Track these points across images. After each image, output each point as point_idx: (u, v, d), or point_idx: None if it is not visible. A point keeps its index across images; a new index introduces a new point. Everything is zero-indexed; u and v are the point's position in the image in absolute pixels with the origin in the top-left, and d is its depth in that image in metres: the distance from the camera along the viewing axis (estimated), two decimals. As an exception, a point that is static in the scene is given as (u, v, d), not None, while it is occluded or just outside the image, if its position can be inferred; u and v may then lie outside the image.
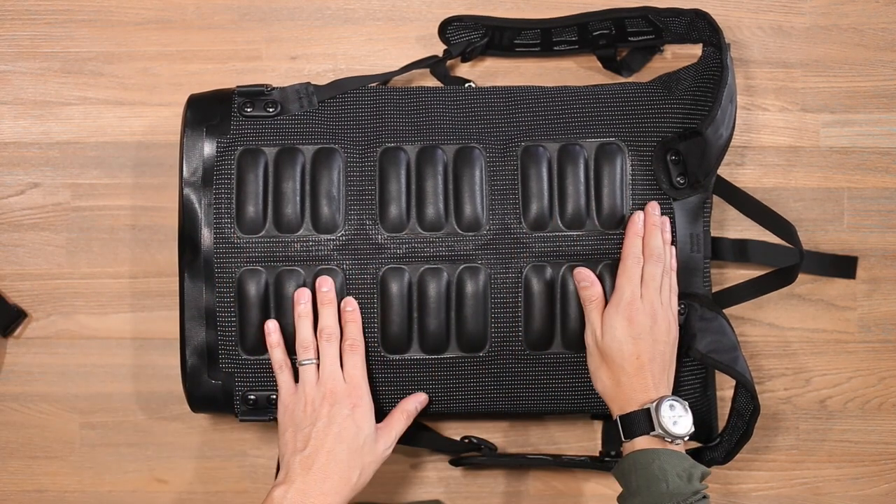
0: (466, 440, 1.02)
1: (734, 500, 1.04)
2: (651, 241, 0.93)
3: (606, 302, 0.93)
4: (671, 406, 0.87)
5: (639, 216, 0.94)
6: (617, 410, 0.90)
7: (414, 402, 0.95)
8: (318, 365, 0.92)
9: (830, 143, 1.06)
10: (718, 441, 0.96)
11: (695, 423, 0.99)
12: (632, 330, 0.90)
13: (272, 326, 0.93)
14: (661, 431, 0.87)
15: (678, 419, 0.87)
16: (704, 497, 0.85)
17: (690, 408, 0.98)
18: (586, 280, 0.93)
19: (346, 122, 0.97)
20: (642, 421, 0.88)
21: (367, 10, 1.06)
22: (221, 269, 0.94)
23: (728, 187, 1.02)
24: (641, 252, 0.93)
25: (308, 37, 1.06)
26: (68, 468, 1.03)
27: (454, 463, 1.02)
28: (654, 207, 0.94)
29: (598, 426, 1.03)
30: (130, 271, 1.04)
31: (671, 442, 0.87)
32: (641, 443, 0.88)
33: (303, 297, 0.93)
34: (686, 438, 0.88)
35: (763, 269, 1.02)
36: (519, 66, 1.06)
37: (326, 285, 0.93)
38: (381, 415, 0.94)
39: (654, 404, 0.88)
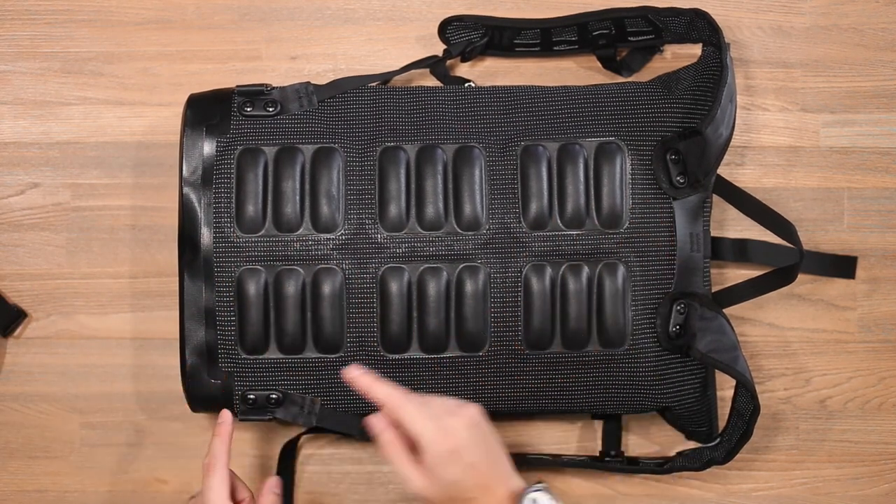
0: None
1: (734, 500, 1.04)
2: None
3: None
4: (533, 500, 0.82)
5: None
6: None
7: (272, 499, 0.90)
8: None
9: (830, 143, 1.06)
10: (718, 441, 0.96)
11: (695, 423, 0.99)
12: (456, 464, 0.81)
13: (224, 417, 0.92)
14: None
15: None
16: None
17: (690, 408, 0.98)
18: (376, 426, 0.84)
19: (345, 121, 0.97)
20: None
21: (367, 10, 1.06)
22: (221, 268, 0.94)
23: (728, 187, 1.02)
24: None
25: (308, 37, 1.06)
26: (68, 468, 1.03)
27: None
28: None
29: (598, 426, 1.03)
30: (130, 271, 1.04)
31: None
32: None
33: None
34: None
35: (763, 269, 1.02)
36: (519, 66, 1.06)
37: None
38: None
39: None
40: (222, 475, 0.88)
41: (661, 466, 0.98)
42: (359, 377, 0.86)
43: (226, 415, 0.92)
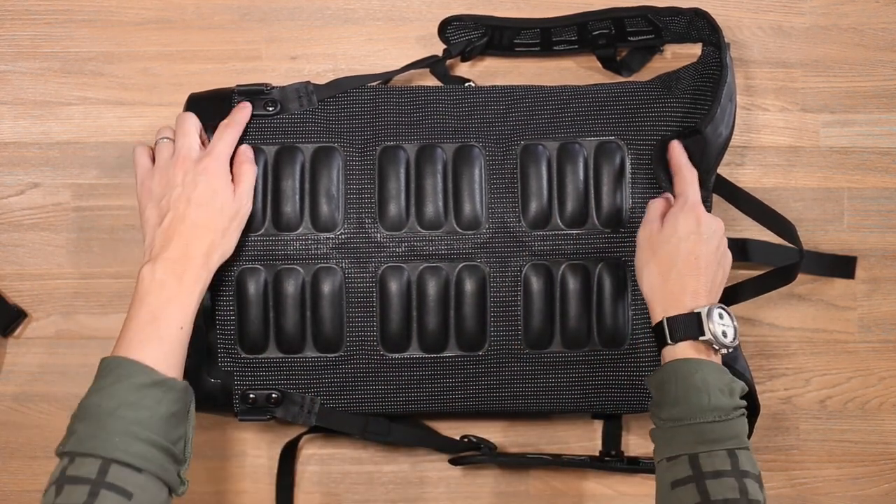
0: (466, 439, 1.02)
1: (734, 500, 1.04)
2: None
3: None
4: (720, 315, 0.84)
5: (676, 144, 0.94)
6: (661, 312, 0.86)
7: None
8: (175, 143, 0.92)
9: (830, 143, 1.06)
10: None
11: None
12: (696, 228, 0.87)
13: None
14: (710, 337, 0.83)
15: (726, 329, 0.84)
16: (742, 414, 0.82)
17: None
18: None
19: (345, 120, 0.97)
20: (691, 325, 0.84)
21: (367, 10, 1.07)
22: (221, 267, 0.94)
23: (728, 186, 1.01)
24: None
25: (308, 37, 1.06)
26: (68, 468, 1.03)
27: (454, 462, 1.02)
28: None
29: (598, 426, 1.03)
30: (130, 271, 1.04)
31: (717, 352, 0.84)
32: (684, 350, 0.84)
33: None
34: (731, 350, 0.85)
35: (763, 269, 1.02)
36: (519, 65, 1.06)
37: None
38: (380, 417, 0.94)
39: (706, 309, 0.84)
40: (237, 134, 0.93)
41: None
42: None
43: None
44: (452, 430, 1.03)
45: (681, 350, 0.84)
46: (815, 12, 1.07)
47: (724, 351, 0.85)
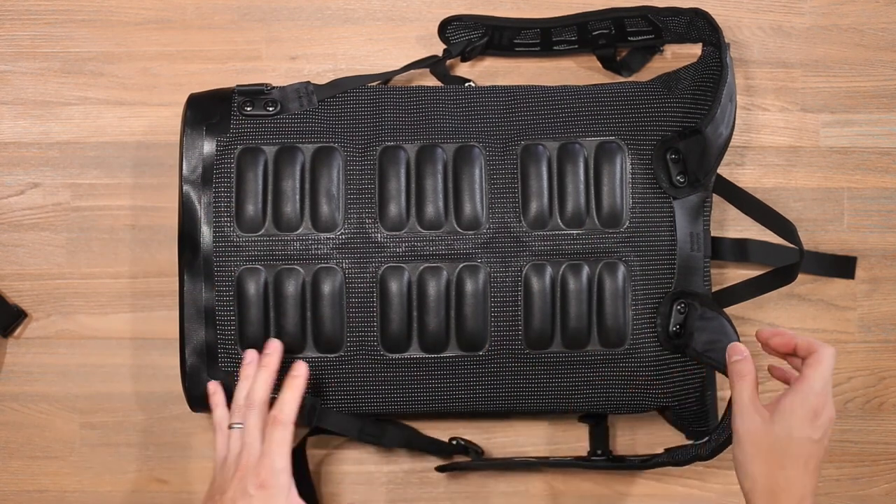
0: (454, 442, 1.02)
1: (734, 500, 1.04)
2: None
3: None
4: None
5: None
6: None
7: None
8: None
9: (830, 143, 1.06)
10: (707, 439, 0.96)
11: (695, 422, 0.99)
12: (815, 426, 0.79)
13: (213, 388, 0.92)
14: None
15: None
16: None
17: (690, 408, 0.98)
18: (739, 354, 0.84)
19: (345, 120, 0.97)
20: None
21: (367, 10, 1.07)
22: (221, 267, 0.94)
23: (728, 186, 1.02)
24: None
25: (308, 37, 1.06)
26: (68, 468, 1.03)
27: (440, 469, 1.01)
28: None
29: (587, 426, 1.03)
30: (130, 271, 1.04)
31: None
32: None
33: (250, 356, 0.92)
34: None
35: (763, 269, 1.02)
36: (519, 65, 1.06)
37: (271, 348, 0.92)
38: (377, 416, 0.94)
39: None
40: (290, 433, 0.86)
41: (645, 462, 0.98)
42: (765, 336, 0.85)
43: (301, 367, 0.90)
44: (443, 430, 1.03)
45: None
46: (815, 12, 1.07)
47: None
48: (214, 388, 0.93)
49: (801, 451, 0.79)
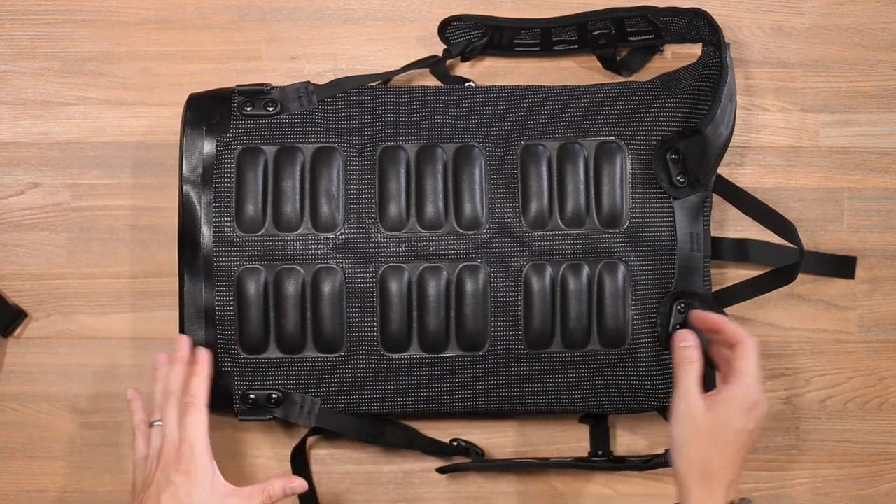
0: (455, 443, 1.02)
1: (734, 500, 1.04)
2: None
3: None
4: None
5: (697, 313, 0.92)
6: (694, 498, 0.83)
7: (282, 485, 0.88)
8: None
9: (830, 143, 1.06)
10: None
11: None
12: (750, 417, 0.84)
13: (130, 394, 0.93)
14: None
15: None
16: None
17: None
18: (687, 341, 0.88)
19: (345, 120, 0.97)
20: None
21: (367, 10, 1.07)
22: (221, 267, 0.94)
23: (728, 186, 1.02)
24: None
25: (308, 37, 1.06)
26: (68, 468, 1.03)
27: (441, 471, 1.01)
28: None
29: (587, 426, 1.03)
30: (130, 271, 1.04)
31: None
32: None
33: (161, 359, 0.92)
34: None
35: (763, 269, 1.02)
36: (519, 65, 1.06)
37: (179, 343, 0.92)
38: (376, 416, 0.93)
39: (739, 499, 0.85)
40: (204, 415, 0.88)
41: (647, 463, 0.98)
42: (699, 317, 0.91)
43: (202, 352, 0.91)
44: (443, 430, 1.03)
45: None
46: (815, 12, 1.07)
47: None
48: (132, 395, 0.93)
49: (735, 440, 0.84)
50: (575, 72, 1.07)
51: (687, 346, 0.88)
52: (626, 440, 1.04)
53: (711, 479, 0.83)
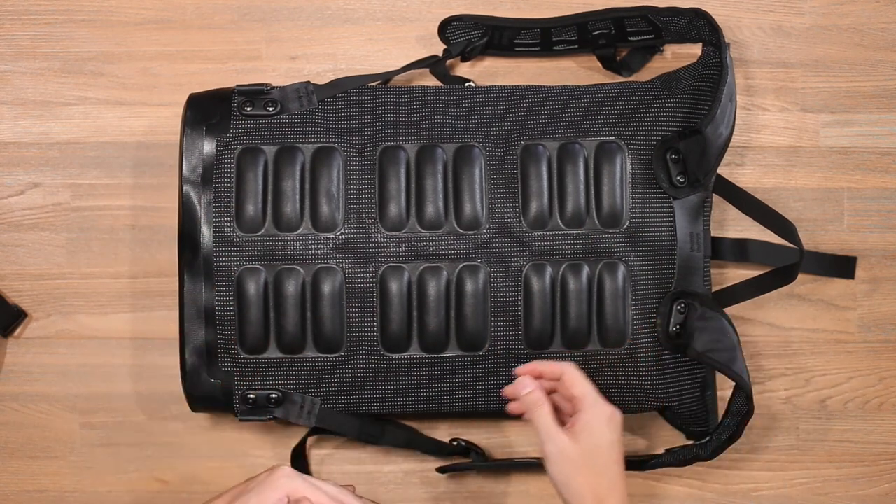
0: (455, 443, 1.02)
1: (734, 500, 1.04)
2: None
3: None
4: None
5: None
6: None
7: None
8: None
9: (830, 143, 1.06)
10: (707, 439, 0.96)
11: (694, 422, 0.99)
12: (611, 429, 0.87)
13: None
14: None
15: None
16: None
17: (690, 408, 0.98)
18: (527, 387, 0.89)
19: (345, 120, 0.97)
20: None
21: (367, 10, 1.07)
22: (221, 267, 0.94)
23: (728, 186, 1.02)
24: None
25: (308, 37, 1.06)
26: (68, 468, 1.03)
27: (441, 471, 1.01)
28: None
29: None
30: (130, 271, 1.04)
31: None
32: None
33: None
34: None
35: (763, 269, 1.02)
36: (519, 65, 1.06)
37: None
38: (376, 416, 0.93)
39: None
40: None
41: (647, 463, 0.98)
42: (519, 370, 0.92)
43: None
44: (443, 430, 1.03)
45: None
46: (815, 12, 1.07)
47: None
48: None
49: (610, 454, 0.86)
50: (575, 72, 1.07)
51: (530, 392, 0.89)
52: (626, 440, 1.04)
53: (608, 501, 0.85)
